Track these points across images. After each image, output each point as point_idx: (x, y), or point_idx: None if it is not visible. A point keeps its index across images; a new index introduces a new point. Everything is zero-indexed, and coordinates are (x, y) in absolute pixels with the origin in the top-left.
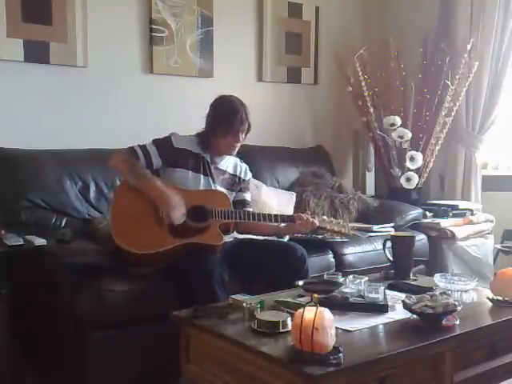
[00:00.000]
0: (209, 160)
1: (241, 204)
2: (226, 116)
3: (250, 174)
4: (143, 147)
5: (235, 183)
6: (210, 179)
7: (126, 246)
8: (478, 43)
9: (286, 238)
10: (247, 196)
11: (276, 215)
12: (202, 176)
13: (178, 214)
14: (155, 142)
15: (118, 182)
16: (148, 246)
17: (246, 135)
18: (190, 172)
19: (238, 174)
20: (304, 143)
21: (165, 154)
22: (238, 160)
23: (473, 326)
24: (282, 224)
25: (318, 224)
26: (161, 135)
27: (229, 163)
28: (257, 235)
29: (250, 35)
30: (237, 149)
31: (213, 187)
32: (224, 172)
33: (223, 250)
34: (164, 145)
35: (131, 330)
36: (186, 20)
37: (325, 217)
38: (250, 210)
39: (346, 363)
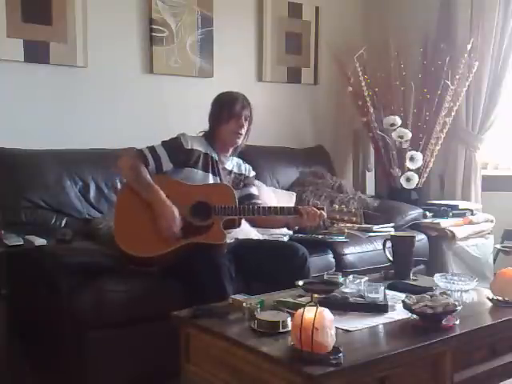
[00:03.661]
0: (217, 159)
1: (247, 198)
2: (226, 103)
3: (253, 173)
4: (152, 150)
5: (240, 182)
6: (218, 179)
7: (130, 251)
8: (478, 43)
9: (286, 238)
10: (253, 190)
11: (282, 208)
12: (210, 175)
13: (171, 230)
14: (165, 144)
15: (118, 183)
16: (152, 248)
17: (248, 126)
18: (199, 171)
19: (243, 172)
20: (304, 143)
21: (176, 157)
22: (240, 160)
23: (473, 326)
24: (290, 216)
25: (325, 216)
26: (161, 135)
27: (233, 164)
28: (267, 228)
29: (250, 35)
30: (241, 138)
31: None
32: (230, 172)
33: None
34: (174, 147)
35: (131, 330)
36: (185, 20)
37: (335, 205)
38: (258, 201)
39: (345, 363)
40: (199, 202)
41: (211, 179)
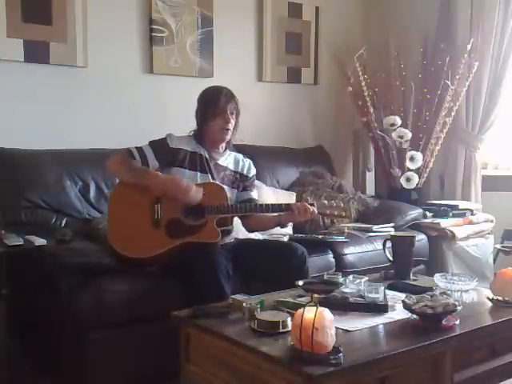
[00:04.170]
0: (207, 156)
1: (247, 203)
2: (210, 99)
3: (254, 170)
4: (139, 149)
5: (237, 180)
6: (209, 176)
7: (125, 252)
8: (478, 43)
9: (286, 238)
10: (253, 194)
11: (274, 205)
12: (198, 174)
13: (194, 193)
14: (151, 143)
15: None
16: (146, 249)
17: (236, 119)
18: (187, 170)
19: (239, 170)
20: (304, 143)
21: (161, 156)
22: (240, 156)
23: (473, 326)
24: (282, 213)
25: (316, 212)
26: (161, 135)
27: (229, 160)
28: (262, 229)
29: (250, 35)
30: (229, 133)
31: None
32: (225, 169)
33: (224, 250)
34: (160, 146)
35: (131, 330)
36: (185, 20)
37: (325, 201)
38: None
39: (345, 363)
40: None
41: (199, 178)
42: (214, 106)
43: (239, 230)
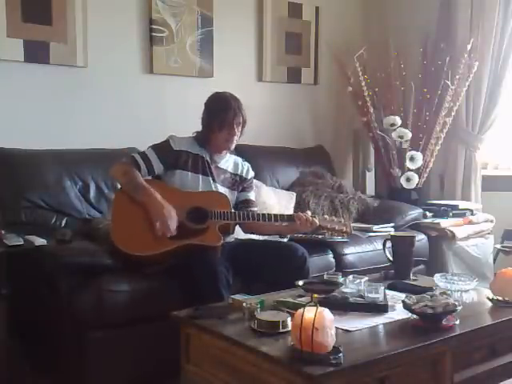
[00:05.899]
0: (209, 159)
1: (245, 204)
2: (219, 110)
3: (252, 173)
4: (143, 155)
5: (236, 182)
6: (210, 179)
7: (126, 249)
8: (478, 43)
9: (286, 238)
10: (251, 195)
11: (276, 215)
12: (200, 176)
13: (170, 227)
14: (154, 147)
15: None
16: (147, 248)
17: (242, 129)
18: (190, 173)
19: (239, 172)
20: (304, 143)
21: (165, 159)
22: (239, 159)
23: (473, 326)
24: (284, 223)
25: (318, 223)
26: (161, 135)
27: (229, 163)
28: (259, 234)
29: (250, 35)
30: (234, 142)
31: (213, 187)
32: (225, 171)
33: (224, 250)
34: (163, 150)
35: (131, 330)
36: (185, 20)
37: (326, 216)
38: (255, 209)
39: (345, 363)
40: (195, 207)
41: (201, 180)
42: (222, 119)
43: (239, 231)
